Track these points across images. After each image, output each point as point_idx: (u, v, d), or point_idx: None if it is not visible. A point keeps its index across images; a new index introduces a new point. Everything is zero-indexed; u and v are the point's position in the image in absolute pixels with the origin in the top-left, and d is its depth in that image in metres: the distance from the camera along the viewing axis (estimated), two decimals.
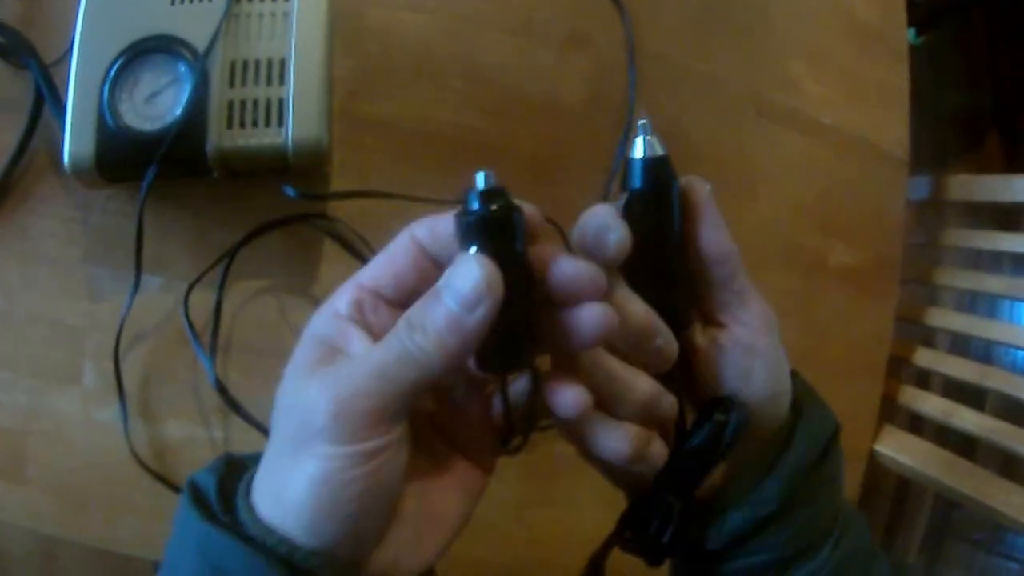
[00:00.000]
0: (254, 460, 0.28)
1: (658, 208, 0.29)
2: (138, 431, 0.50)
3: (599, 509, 0.58)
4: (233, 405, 0.49)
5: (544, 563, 0.55)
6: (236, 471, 0.28)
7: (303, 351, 0.27)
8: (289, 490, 0.25)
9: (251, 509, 0.26)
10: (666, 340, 0.28)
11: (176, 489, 0.49)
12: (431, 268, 0.27)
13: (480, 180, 0.25)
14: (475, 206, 0.25)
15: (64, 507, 0.49)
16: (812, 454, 0.30)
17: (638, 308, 0.28)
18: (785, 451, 0.30)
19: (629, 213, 0.29)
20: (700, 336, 0.31)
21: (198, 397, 0.50)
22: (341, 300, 0.28)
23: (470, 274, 0.24)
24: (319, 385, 0.25)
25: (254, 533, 0.25)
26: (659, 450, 0.29)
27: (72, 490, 0.49)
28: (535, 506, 0.55)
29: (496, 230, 0.25)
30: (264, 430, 0.49)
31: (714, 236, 0.29)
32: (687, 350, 0.31)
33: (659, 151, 0.28)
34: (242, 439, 0.50)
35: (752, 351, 0.30)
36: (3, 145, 0.50)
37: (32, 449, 0.49)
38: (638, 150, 0.29)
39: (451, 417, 0.30)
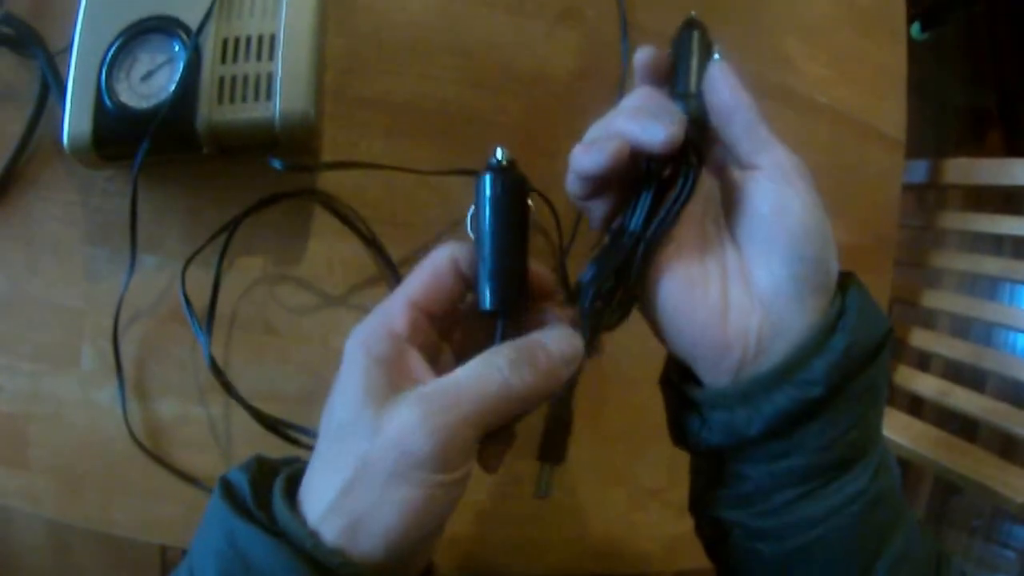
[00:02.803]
0: (286, 463, 0.28)
1: None
2: (135, 412, 0.48)
3: (593, 488, 0.56)
4: (226, 385, 0.48)
5: (534, 540, 0.54)
6: (268, 470, 0.28)
7: (368, 372, 0.26)
8: (376, 520, 0.24)
9: (290, 507, 0.25)
10: None
11: (172, 470, 0.48)
12: (461, 287, 0.29)
13: (499, 153, 0.29)
14: (495, 162, 0.29)
15: (63, 490, 0.48)
16: (861, 345, 0.28)
17: None
18: (832, 336, 0.27)
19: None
20: (735, 174, 0.31)
21: (193, 376, 0.48)
22: (397, 319, 0.27)
23: (574, 341, 0.27)
24: (413, 412, 0.24)
25: (288, 528, 0.25)
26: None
27: (71, 473, 0.48)
28: (524, 484, 0.53)
29: (513, 188, 0.28)
30: (251, 408, 0.47)
31: (716, 86, 0.31)
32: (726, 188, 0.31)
33: None
34: (236, 418, 0.48)
35: (787, 182, 0.29)
36: (10, 133, 0.49)
37: (33, 433, 0.48)
38: None
39: None
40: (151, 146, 0.44)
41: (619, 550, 0.55)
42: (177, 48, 0.45)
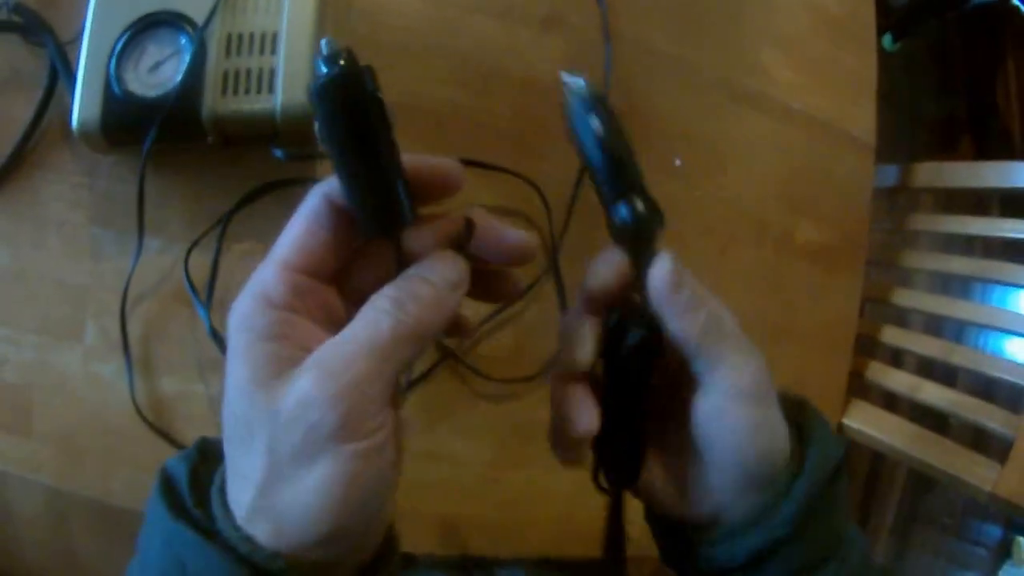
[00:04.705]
0: None
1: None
2: (137, 387, 0.50)
3: (578, 473, 0.57)
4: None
5: (519, 523, 0.55)
6: (211, 459, 0.26)
7: (251, 353, 0.23)
8: (300, 513, 0.22)
9: (224, 504, 0.24)
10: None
11: (172, 442, 0.50)
12: (347, 228, 0.25)
13: (324, 46, 0.23)
14: (323, 70, 0.23)
15: (64, 460, 0.49)
16: (823, 480, 0.29)
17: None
18: (798, 478, 0.28)
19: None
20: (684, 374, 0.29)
21: (194, 353, 0.50)
22: (272, 287, 0.24)
23: (458, 265, 0.25)
24: (308, 382, 0.22)
25: (223, 528, 0.23)
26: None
27: (72, 443, 0.50)
28: (509, 467, 0.55)
29: (350, 86, 0.23)
30: None
31: (664, 305, 0.27)
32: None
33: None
34: None
35: (738, 403, 0.27)
36: (20, 117, 0.51)
37: (38, 403, 0.50)
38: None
39: None
40: (157, 134, 0.46)
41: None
42: (184, 42, 0.48)
